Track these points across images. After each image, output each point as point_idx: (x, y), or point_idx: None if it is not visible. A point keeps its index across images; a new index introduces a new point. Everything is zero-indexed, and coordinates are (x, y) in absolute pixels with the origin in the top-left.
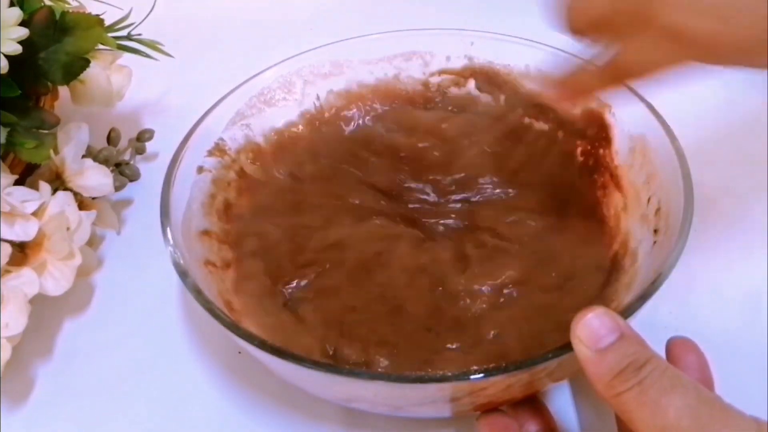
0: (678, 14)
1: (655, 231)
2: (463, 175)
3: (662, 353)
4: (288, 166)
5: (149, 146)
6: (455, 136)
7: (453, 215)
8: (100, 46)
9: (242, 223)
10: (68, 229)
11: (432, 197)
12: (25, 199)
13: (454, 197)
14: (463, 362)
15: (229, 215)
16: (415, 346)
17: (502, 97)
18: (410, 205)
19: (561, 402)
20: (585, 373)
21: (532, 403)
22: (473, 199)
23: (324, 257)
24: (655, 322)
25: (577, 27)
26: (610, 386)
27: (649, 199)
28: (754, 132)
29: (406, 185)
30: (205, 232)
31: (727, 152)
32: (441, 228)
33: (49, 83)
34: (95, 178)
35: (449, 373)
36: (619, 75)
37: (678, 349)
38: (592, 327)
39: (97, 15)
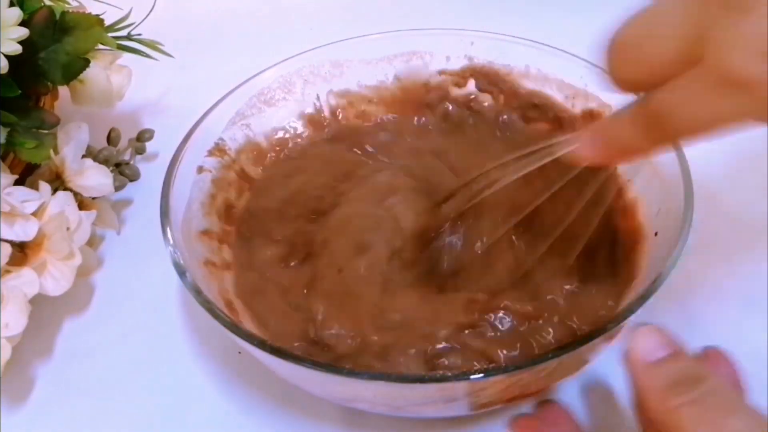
0: (736, 55)
1: (656, 234)
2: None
3: None
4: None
5: (149, 146)
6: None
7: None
8: (100, 46)
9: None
10: (68, 229)
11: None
12: (25, 199)
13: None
14: None
15: (230, 215)
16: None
17: (502, 98)
18: None
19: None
20: (637, 390)
21: (558, 408)
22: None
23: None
24: (655, 322)
25: (628, 80)
26: (665, 399)
27: (648, 200)
28: (754, 132)
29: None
30: (205, 232)
31: (727, 152)
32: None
33: (49, 83)
34: (95, 178)
35: (449, 373)
36: (660, 128)
37: (711, 360)
38: (646, 340)
39: (97, 15)
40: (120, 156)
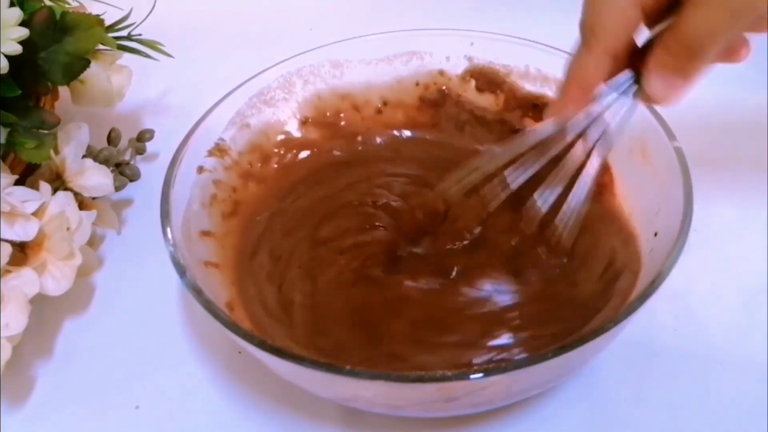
0: None
1: (655, 234)
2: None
3: (660, 357)
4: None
5: (149, 146)
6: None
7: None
8: (101, 47)
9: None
10: (68, 229)
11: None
12: (25, 199)
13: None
14: None
15: (230, 215)
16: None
17: (502, 98)
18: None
19: (558, 402)
20: None
21: None
22: None
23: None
24: (655, 322)
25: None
26: None
27: (648, 200)
28: (754, 132)
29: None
30: (206, 233)
31: (727, 152)
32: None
33: (49, 83)
34: (95, 178)
35: (449, 373)
36: (682, 48)
37: None
38: None
39: (98, 15)
40: (120, 156)
